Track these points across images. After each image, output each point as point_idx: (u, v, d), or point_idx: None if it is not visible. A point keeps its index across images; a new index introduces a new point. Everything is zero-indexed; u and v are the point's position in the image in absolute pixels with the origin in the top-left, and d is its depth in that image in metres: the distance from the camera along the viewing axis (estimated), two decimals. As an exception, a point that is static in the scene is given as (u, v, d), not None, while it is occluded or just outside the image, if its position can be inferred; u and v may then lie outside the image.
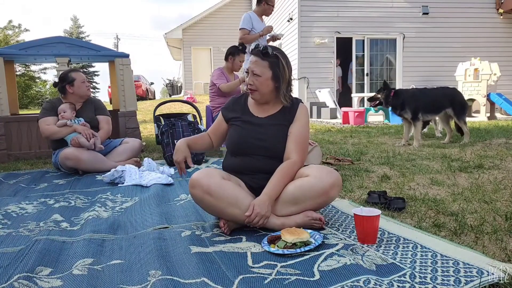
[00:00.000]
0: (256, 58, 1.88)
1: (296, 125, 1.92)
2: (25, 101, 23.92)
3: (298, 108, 1.97)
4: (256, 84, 1.87)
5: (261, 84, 1.87)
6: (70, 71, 3.55)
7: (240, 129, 1.94)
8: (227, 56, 4.33)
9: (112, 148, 3.58)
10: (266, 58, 1.86)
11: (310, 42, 10.10)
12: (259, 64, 1.86)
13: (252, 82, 1.87)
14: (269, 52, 1.86)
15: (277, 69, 1.86)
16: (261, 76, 1.86)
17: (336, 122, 8.19)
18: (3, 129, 4.10)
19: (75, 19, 34.72)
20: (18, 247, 1.65)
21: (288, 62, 1.92)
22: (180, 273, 1.37)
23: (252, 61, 1.89)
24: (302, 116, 1.96)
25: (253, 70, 1.87)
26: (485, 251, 1.52)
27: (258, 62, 1.86)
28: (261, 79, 1.86)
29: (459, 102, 4.58)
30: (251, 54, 1.91)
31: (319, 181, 1.74)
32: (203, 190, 1.72)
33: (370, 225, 1.59)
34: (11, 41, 24.04)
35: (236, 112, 1.98)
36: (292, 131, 1.90)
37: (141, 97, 18.13)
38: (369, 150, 4.18)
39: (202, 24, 17.90)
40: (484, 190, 2.43)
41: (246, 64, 1.94)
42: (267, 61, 1.86)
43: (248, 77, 1.90)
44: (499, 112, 8.89)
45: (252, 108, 1.98)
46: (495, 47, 10.37)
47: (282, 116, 1.94)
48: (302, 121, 1.94)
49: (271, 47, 1.89)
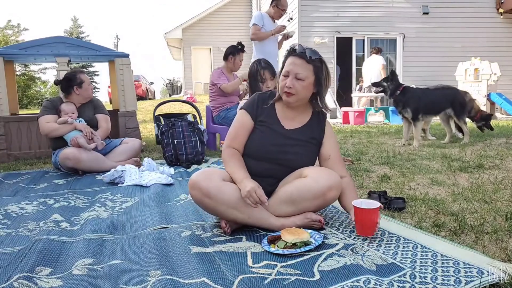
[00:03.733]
0: (301, 61, 1.76)
1: (330, 146, 1.90)
2: (25, 101, 23.92)
3: (326, 124, 1.93)
4: (297, 88, 1.76)
5: (303, 88, 1.78)
6: (78, 72, 3.56)
7: (265, 136, 1.85)
8: (227, 56, 4.33)
9: (112, 148, 3.58)
10: (312, 62, 1.77)
11: (310, 42, 10.09)
12: (304, 67, 1.76)
13: (292, 85, 1.76)
14: (313, 56, 1.77)
15: (320, 75, 1.79)
16: (304, 80, 1.76)
17: (336, 122, 8.19)
18: (3, 129, 4.10)
19: (75, 19, 34.70)
20: (18, 247, 1.65)
21: (328, 68, 1.86)
22: (180, 273, 1.36)
23: (296, 64, 1.76)
24: (333, 134, 1.95)
25: (298, 73, 1.75)
26: (485, 251, 1.52)
27: (303, 65, 1.76)
28: (304, 83, 1.77)
29: (459, 102, 4.58)
30: (293, 56, 1.79)
31: (316, 183, 1.70)
32: (202, 193, 1.70)
33: (368, 217, 1.60)
34: (11, 41, 24.04)
35: (263, 116, 1.87)
36: (330, 153, 1.89)
37: (141, 97, 18.12)
38: (369, 150, 4.18)
39: (202, 24, 17.89)
40: (484, 190, 2.43)
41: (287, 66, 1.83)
42: (312, 65, 1.78)
43: (288, 79, 1.77)
44: (499, 112, 8.89)
45: (280, 115, 1.88)
46: (495, 47, 10.38)
47: (310, 130, 1.89)
48: (335, 140, 1.94)
49: (314, 51, 1.80)
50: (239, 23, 17.19)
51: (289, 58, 1.80)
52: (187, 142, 3.73)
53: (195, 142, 3.76)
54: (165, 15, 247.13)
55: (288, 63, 1.80)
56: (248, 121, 1.87)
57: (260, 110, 1.88)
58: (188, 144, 3.72)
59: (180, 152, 3.66)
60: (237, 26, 17.14)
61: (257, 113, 1.88)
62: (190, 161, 3.63)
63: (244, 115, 1.89)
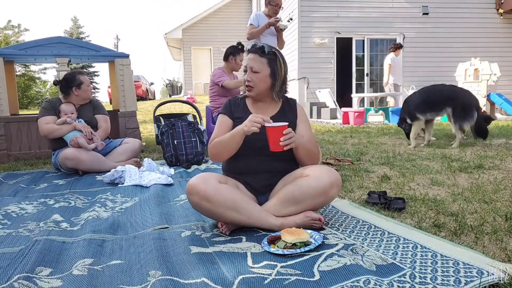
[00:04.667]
0: (254, 55, 1.91)
1: (304, 128, 1.98)
2: (25, 101, 23.92)
3: (298, 109, 2.03)
4: (254, 80, 1.90)
5: (259, 80, 1.90)
6: (77, 73, 3.56)
7: None
8: (227, 56, 4.32)
9: (112, 148, 3.59)
10: (264, 55, 1.90)
11: (310, 42, 10.09)
12: (258, 61, 1.90)
13: (250, 79, 1.90)
14: (266, 49, 1.89)
15: (275, 66, 1.91)
16: (259, 73, 1.89)
17: (336, 122, 8.19)
18: (3, 129, 4.10)
19: (75, 19, 34.64)
20: (18, 247, 1.65)
21: (284, 60, 1.97)
22: (180, 273, 1.37)
23: (250, 58, 1.92)
24: (305, 116, 2.04)
25: (252, 66, 1.90)
26: (485, 251, 1.52)
27: (257, 59, 1.90)
28: (259, 75, 1.89)
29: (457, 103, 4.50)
30: (249, 52, 1.94)
31: (318, 180, 1.75)
32: (200, 197, 1.70)
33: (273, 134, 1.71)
34: (11, 41, 24.04)
35: (238, 113, 1.97)
36: (304, 134, 1.94)
37: (141, 97, 18.13)
38: (369, 150, 4.18)
39: (202, 24, 17.90)
40: (484, 190, 2.43)
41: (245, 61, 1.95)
42: (266, 58, 1.90)
43: (247, 74, 1.92)
44: (499, 112, 8.89)
45: (252, 109, 1.99)
46: (495, 47, 10.37)
47: (283, 116, 1.96)
48: (307, 122, 2.02)
49: (268, 46, 1.92)
50: (239, 24, 17.18)
51: (249, 55, 1.94)
52: (187, 142, 3.73)
53: (195, 142, 3.76)
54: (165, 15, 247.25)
55: (248, 59, 1.94)
56: (228, 120, 1.97)
57: (235, 109, 1.99)
58: (188, 144, 3.72)
59: (180, 152, 3.66)
60: (237, 26, 17.13)
61: (232, 112, 1.98)
62: (190, 161, 3.63)
63: (223, 117, 1.99)
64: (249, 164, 1.89)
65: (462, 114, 4.20)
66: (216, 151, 1.88)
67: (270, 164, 1.88)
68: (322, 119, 9.04)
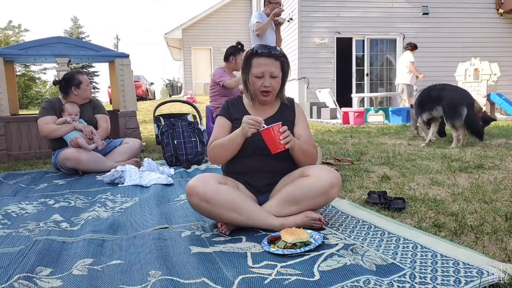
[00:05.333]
0: (269, 59, 1.86)
1: (301, 127, 1.97)
2: (25, 101, 23.94)
3: (296, 107, 2.03)
4: (273, 85, 1.87)
5: (277, 84, 1.90)
6: (76, 73, 3.56)
7: None
8: (228, 56, 4.32)
9: (112, 148, 3.59)
10: (279, 59, 1.89)
11: (310, 42, 10.09)
12: (275, 65, 1.87)
13: (270, 84, 1.86)
14: (279, 53, 1.88)
15: (285, 68, 1.92)
16: (278, 77, 1.88)
17: (336, 122, 8.19)
18: (3, 129, 4.10)
19: (75, 19, 34.68)
20: (18, 247, 1.65)
21: (289, 61, 1.98)
22: (180, 273, 1.37)
23: (267, 64, 1.85)
24: (303, 115, 2.03)
25: (273, 71, 1.85)
26: (485, 251, 1.52)
27: (274, 63, 1.87)
28: (278, 80, 1.89)
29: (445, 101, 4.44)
30: (261, 57, 1.86)
31: (319, 180, 1.74)
32: (199, 198, 1.70)
33: (269, 136, 1.70)
34: (11, 41, 24.04)
35: (237, 114, 1.95)
36: (301, 134, 1.94)
37: (141, 97, 18.13)
38: (369, 150, 4.18)
39: (202, 24, 17.90)
40: (484, 190, 2.43)
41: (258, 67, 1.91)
42: (279, 61, 1.89)
43: (265, 79, 1.85)
44: (499, 112, 8.88)
45: (251, 110, 1.97)
46: (495, 47, 10.37)
47: (281, 116, 1.96)
48: (305, 121, 2.01)
49: (275, 48, 1.90)
50: (239, 24, 17.19)
51: (257, 59, 1.86)
52: (187, 142, 3.73)
53: (195, 142, 3.76)
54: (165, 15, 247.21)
55: (258, 64, 1.86)
56: (226, 122, 1.95)
57: (233, 110, 1.97)
58: (188, 144, 3.72)
59: (180, 152, 3.66)
60: (237, 26, 17.14)
61: (230, 113, 1.96)
62: (190, 161, 3.63)
63: (221, 119, 1.97)
64: (249, 164, 1.88)
65: (449, 112, 4.20)
66: (216, 154, 1.87)
67: (270, 164, 1.88)
68: (322, 119, 9.04)
